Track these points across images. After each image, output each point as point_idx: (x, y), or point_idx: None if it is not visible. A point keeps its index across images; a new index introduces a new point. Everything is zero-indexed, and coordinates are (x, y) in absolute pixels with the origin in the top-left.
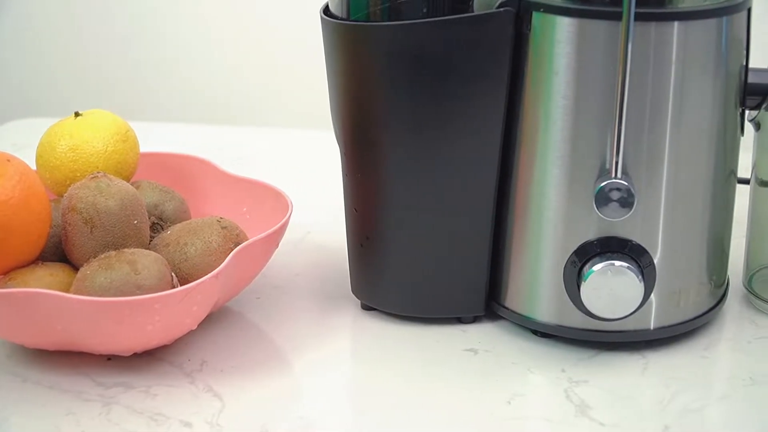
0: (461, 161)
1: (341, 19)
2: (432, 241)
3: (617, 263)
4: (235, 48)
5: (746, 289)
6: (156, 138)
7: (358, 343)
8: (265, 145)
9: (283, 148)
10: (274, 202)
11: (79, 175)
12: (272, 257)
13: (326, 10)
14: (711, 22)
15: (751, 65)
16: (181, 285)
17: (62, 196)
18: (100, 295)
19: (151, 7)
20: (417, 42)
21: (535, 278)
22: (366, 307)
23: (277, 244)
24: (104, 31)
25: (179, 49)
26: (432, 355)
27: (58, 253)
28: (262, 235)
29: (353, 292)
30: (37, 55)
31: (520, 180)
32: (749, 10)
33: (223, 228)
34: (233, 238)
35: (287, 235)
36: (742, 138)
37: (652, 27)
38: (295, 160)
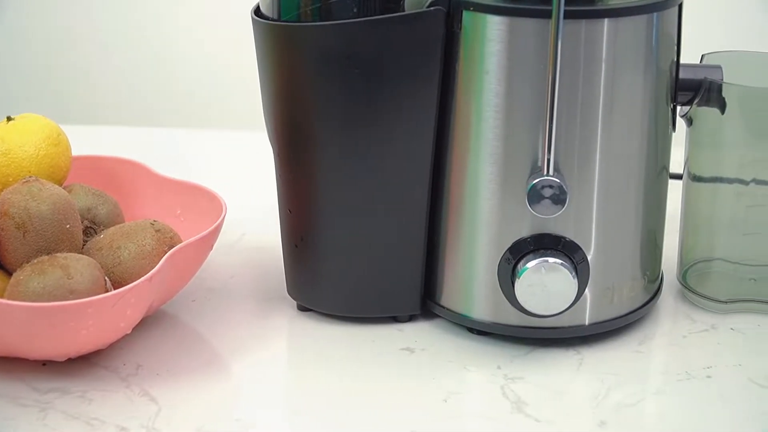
0: (394, 160)
1: (272, 19)
2: (366, 241)
3: (551, 260)
4: (166, 50)
5: (681, 283)
6: (88, 141)
7: (294, 345)
8: (198, 147)
9: (217, 149)
10: (208, 204)
11: (11, 179)
12: (207, 259)
13: (257, 11)
14: (641, 19)
15: (682, 61)
16: (114, 289)
17: None
18: (33, 301)
19: (84, 8)
20: (348, 42)
21: (470, 276)
22: (302, 308)
23: (212, 247)
24: (33, 34)
25: (109, 51)
26: (368, 355)
27: None
28: (196, 237)
29: (289, 294)
30: None
31: (454, 178)
32: (680, 6)
33: (156, 231)
34: (167, 240)
35: (222, 237)
36: (674, 134)
37: (582, 25)
38: (229, 162)
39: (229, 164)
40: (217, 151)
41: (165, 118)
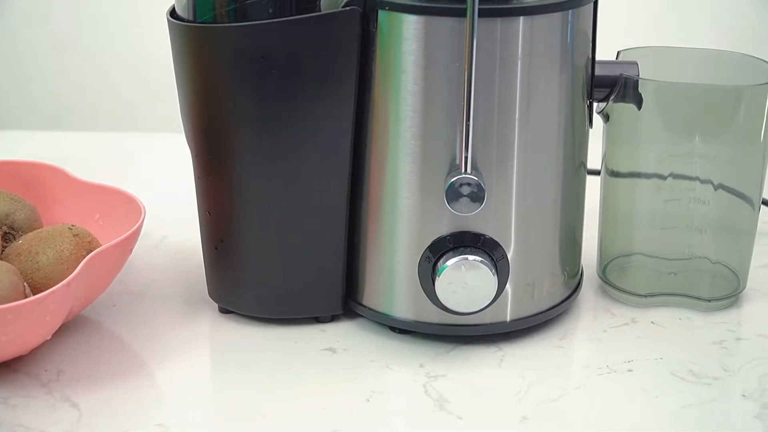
0: (313, 161)
1: (188, 21)
2: (286, 242)
3: (470, 257)
4: (81, 53)
5: (601, 278)
6: (5, 146)
7: (216, 347)
8: (116, 151)
9: (135, 152)
10: (127, 207)
11: None
12: (128, 263)
13: (173, 13)
14: (556, 16)
15: (597, 58)
16: (34, 294)
17: None
18: None
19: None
20: (264, 42)
21: (391, 275)
22: (224, 311)
23: (131, 250)
24: None
25: (24, 55)
26: (290, 356)
27: None
28: (114, 241)
29: (210, 296)
30: None
31: (373, 178)
32: (595, 3)
33: (74, 236)
34: (85, 245)
35: (143, 240)
36: (591, 130)
37: (498, 23)
38: (148, 165)
39: (148, 167)
40: (135, 154)
41: (82, 122)
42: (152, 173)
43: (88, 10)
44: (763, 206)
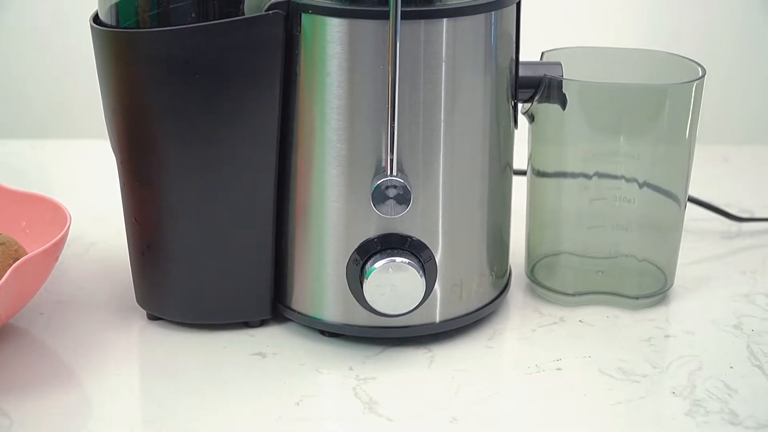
0: (239, 166)
1: (111, 26)
2: (214, 247)
3: (398, 259)
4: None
5: (529, 278)
6: None
7: (145, 354)
8: (41, 158)
9: (61, 159)
10: (53, 215)
11: None
12: (56, 271)
13: (96, 19)
14: (479, 18)
15: (522, 59)
16: None
17: None
18: None
19: None
20: (187, 47)
21: (320, 278)
22: (152, 317)
23: (57, 258)
24: None
25: None
26: (220, 362)
27: None
28: (40, 249)
29: (138, 303)
30: None
31: (300, 181)
32: (518, 4)
33: (0, 244)
34: (12, 254)
35: (70, 248)
36: (516, 130)
37: (421, 25)
38: (73, 172)
39: (74, 174)
40: (61, 161)
41: (6, 129)
42: (78, 180)
43: (3, 16)
44: (689, 203)
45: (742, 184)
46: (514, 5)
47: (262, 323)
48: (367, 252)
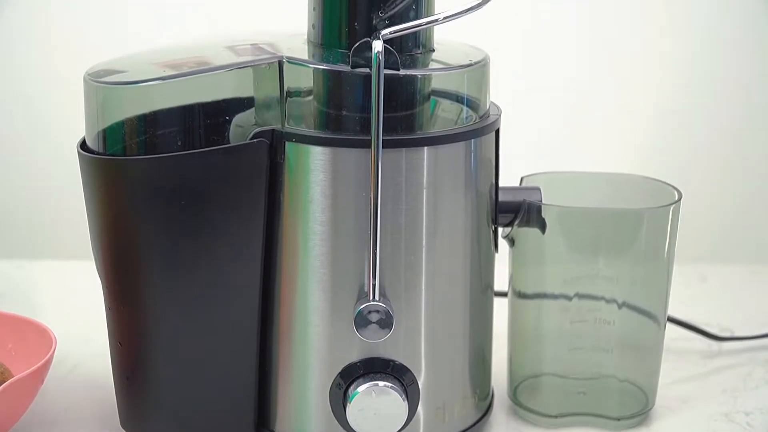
0: (223, 290)
1: (98, 153)
2: (198, 372)
3: (381, 383)
4: None
5: (511, 399)
6: None
7: None
8: (27, 280)
9: (47, 280)
10: (38, 337)
11: None
12: (40, 393)
13: (83, 145)
14: (459, 146)
15: (501, 184)
16: None
17: None
18: None
19: None
20: (172, 174)
21: (303, 402)
22: None
23: (42, 381)
24: None
25: None
26: None
27: None
28: (26, 372)
29: (122, 426)
30: None
31: (283, 306)
32: (497, 131)
33: None
34: None
35: (55, 369)
36: (497, 253)
37: (403, 153)
38: (59, 293)
39: (59, 296)
40: (46, 283)
41: None
42: (64, 301)
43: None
44: (669, 323)
45: (722, 302)
46: (494, 132)
47: None
48: (350, 376)
